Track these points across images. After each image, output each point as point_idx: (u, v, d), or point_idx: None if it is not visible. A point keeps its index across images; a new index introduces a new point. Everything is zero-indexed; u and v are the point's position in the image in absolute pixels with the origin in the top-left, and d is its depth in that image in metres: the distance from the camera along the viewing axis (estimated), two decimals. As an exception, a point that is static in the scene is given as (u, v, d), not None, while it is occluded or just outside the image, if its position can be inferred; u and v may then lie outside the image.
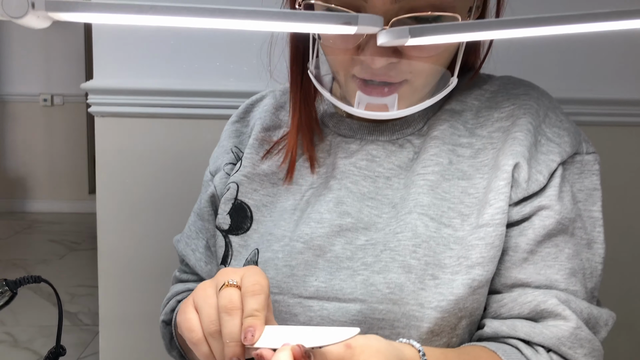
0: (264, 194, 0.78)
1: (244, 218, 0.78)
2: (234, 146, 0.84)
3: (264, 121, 0.83)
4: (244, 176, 0.79)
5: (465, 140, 0.73)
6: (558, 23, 0.34)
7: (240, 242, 0.77)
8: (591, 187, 0.72)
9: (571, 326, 0.65)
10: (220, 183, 0.83)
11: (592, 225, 0.71)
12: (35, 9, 0.33)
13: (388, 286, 0.66)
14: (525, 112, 0.71)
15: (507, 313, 0.68)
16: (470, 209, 0.69)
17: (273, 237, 0.74)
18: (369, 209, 0.71)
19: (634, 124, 1.43)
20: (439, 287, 0.65)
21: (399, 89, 0.66)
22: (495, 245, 0.66)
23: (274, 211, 0.77)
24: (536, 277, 0.67)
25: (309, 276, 0.70)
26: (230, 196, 0.79)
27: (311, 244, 0.70)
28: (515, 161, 0.68)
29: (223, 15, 0.34)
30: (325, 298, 0.68)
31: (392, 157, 0.74)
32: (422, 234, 0.67)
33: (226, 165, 0.83)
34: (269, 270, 0.71)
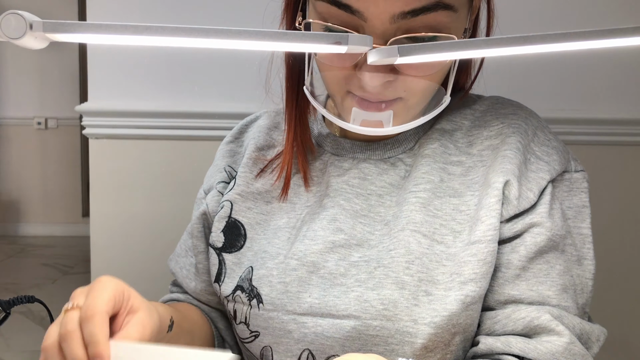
0: (257, 212, 0.79)
1: (238, 236, 0.79)
2: (227, 165, 0.85)
3: (258, 141, 0.84)
4: (238, 194, 0.80)
5: (455, 158, 0.74)
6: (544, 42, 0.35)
7: (234, 259, 0.78)
8: (580, 204, 0.73)
9: (565, 341, 0.65)
10: (212, 201, 0.83)
11: (582, 242, 0.72)
12: (33, 30, 0.34)
13: (382, 302, 0.66)
14: (514, 131, 0.73)
15: (501, 330, 0.68)
16: (462, 226, 0.70)
17: (267, 254, 0.75)
18: (362, 225, 0.72)
19: (624, 143, 1.44)
20: (432, 303, 0.66)
21: (394, 105, 0.68)
22: (487, 262, 0.67)
23: (267, 229, 0.77)
24: (529, 294, 0.68)
25: (303, 292, 0.70)
26: (224, 214, 0.80)
27: (305, 260, 0.71)
28: (506, 179, 0.69)
29: (216, 35, 0.35)
30: (319, 314, 0.69)
31: (384, 176, 0.75)
32: (415, 251, 0.68)
33: (218, 183, 0.84)
34: (263, 287, 0.72)
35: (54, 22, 0.34)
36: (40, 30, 0.34)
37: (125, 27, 0.35)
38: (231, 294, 0.76)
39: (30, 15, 0.34)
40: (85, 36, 0.35)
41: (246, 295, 0.74)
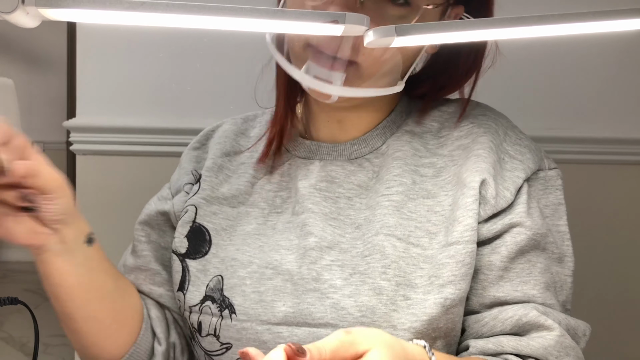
0: (223, 218, 0.77)
1: (202, 242, 0.76)
2: (193, 169, 0.84)
3: (224, 146, 0.83)
4: (203, 199, 0.78)
5: (427, 160, 0.74)
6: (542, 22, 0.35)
7: (198, 266, 0.75)
8: (556, 202, 0.73)
9: (556, 334, 0.65)
10: (179, 202, 0.81)
11: (561, 240, 0.73)
12: (25, 4, 0.34)
13: (359, 309, 0.65)
14: (485, 131, 0.73)
15: (490, 332, 0.68)
16: (437, 227, 0.69)
17: (237, 262, 0.73)
18: (332, 228, 0.71)
19: (614, 162, 1.46)
20: (411, 308, 0.65)
21: (347, 68, 0.67)
22: (466, 263, 0.66)
23: (234, 235, 0.75)
24: (514, 294, 0.68)
25: (277, 301, 0.69)
26: (189, 219, 0.78)
27: (280, 269, 0.70)
28: (482, 178, 0.69)
29: (211, 12, 0.34)
30: (294, 323, 0.67)
31: (351, 177, 0.74)
32: (391, 255, 0.67)
33: (186, 185, 0.82)
34: (236, 297, 0.70)
35: (47, -4, 0.33)
36: (32, 4, 0.33)
37: (119, 2, 0.34)
38: (199, 304, 0.73)
39: (23, -10, 0.34)
40: (79, 12, 0.35)
41: (217, 306, 0.71)
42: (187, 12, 0.34)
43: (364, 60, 0.67)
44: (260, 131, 0.84)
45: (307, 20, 0.35)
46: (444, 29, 0.35)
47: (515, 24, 0.34)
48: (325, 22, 0.35)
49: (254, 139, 0.83)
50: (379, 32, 0.36)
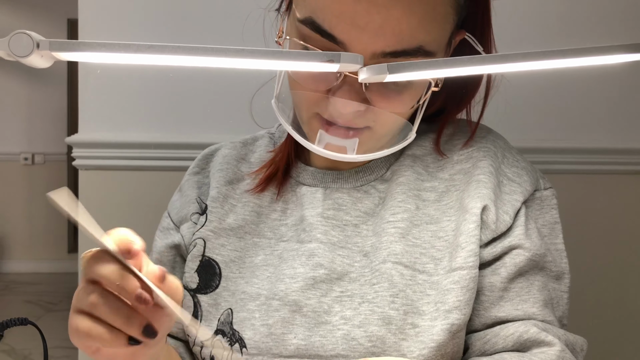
0: (231, 249, 0.77)
1: (213, 275, 0.76)
2: (198, 197, 0.82)
3: (227, 174, 0.82)
4: (211, 231, 0.78)
5: (428, 184, 0.75)
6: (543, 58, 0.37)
7: (210, 301, 0.75)
8: (552, 221, 0.75)
9: (557, 350, 0.66)
10: (188, 233, 0.80)
11: (560, 257, 0.74)
12: (40, 49, 0.36)
13: (369, 340, 0.66)
14: (485, 155, 0.74)
15: (492, 348, 0.69)
16: (441, 253, 0.70)
17: (247, 295, 0.72)
18: (341, 258, 0.71)
19: (609, 172, 1.47)
20: (419, 336, 0.66)
21: (360, 133, 0.68)
22: (470, 288, 0.68)
23: (243, 267, 0.75)
24: (515, 313, 0.69)
25: (287, 334, 0.69)
26: (198, 253, 0.77)
27: (286, 300, 0.70)
28: (483, 204, 0.70)
29: (213, 54, 0.37)
30: (306, 356, 0.68)
31: (358, 204, 0.75)
32: (399, 283, 0.68)
33: (193, 215, 0.81)
34: (245, 331, 0.70)
35: (60, 41, 0.35)
36: (47, 49, 0.36)
37: (128, 45, 0.36)
38: (210, 339, 0.73)
39: (37, 35, 0.36)
40: (90, 55, 0.37)
41: (227, 340, 0.71)
42: (193, 54, 0.37)
43: (377, 124, 0.68)
44: (261, 156, 0.83)
45: (304, 60, 0.37)
46: (434, 66, 0.37)
47: (502, 61, 0.36)
48: (321, 62, 0.37)
49: (255, 165, 0.83)
50: (372, 69, 0.38)
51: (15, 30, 0.36)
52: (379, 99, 0.66)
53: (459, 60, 0.37)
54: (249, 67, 0.38)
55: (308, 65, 0.37)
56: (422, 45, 0.62)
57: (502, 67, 0.38)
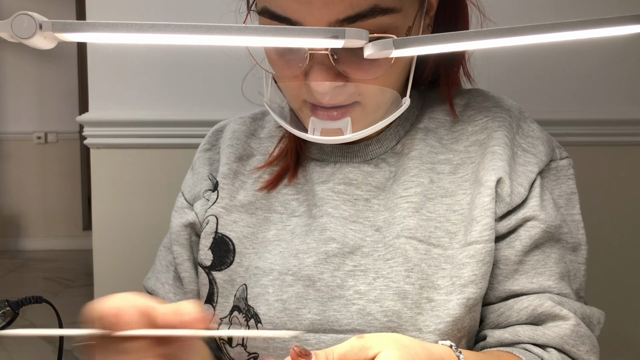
0: (243, 225, 0.76)
1: (227, 252, 0.76)
2: (209, 173, 0.82)
3: (236, 150, 0.81)
4: (223, 208, 0.77)
5: (443, 156, 0.74)
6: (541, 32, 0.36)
7: (225, 277, 0.75)
8: (569, 191, 0.74)
9: (572, 324, 0.66)
10: (201, 210, 0.80)
11: (576, 229, 0.73)
12: (42, 30, 0.36)
13: (385, 314, 0.66)
14: (499, 125, 0.73)
15: (506, 321, 0.69)
16: (457, 226, 0.70)
17: (260, 270, 0.72)
18: (353, 232, 0.71)
19: (621, 143, 1.46)
20: (435, 310, 0.66)
21: (351, 111, 0.67)
22: (486, 262, 0.67)
23: (255, 242, 0.75)
24: (530, 286, 0.69)
25: (302, 309, 0.69)
26: (210, 230, 0.77)
27: (300, 275, 0.70)
28: (498, 176, 0.69)
29: (215, 32, 0.36)
30: (321, 330, 0.68)
31: (369, 179, 0.74)
32: (413, 258, 0.68)
33: (205, 192, 0.81)
34: (260, 306, 0.70)
35: (63, 21, 0.35)
36: (50, 30, 0.35)
37: (131, 25, 0.36)
38: (228, 316, 0.73)
39: (39, 16, 0.36)
40: (93, 35, 0.37)
41: (243, 316, 0.72)
42: (196, 33, 0.36)
43: (363, 97, 0.67)
44: (270, 131, 0.83)
45: (309, 37, 0.37)
46: (440, 40, 0.37)
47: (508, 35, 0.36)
48: (326, 38, 0.37)
49: (265, 140, 0.83)
50: (377, 45, 0.38)
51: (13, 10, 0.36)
52: (353, 70, 0.65)
53: (465, 35, 0.37)
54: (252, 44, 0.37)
55: (312, 42, 0.37)
56: (377, 3, 0.60)
57: (510, 40, 0.37)
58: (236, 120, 0.86)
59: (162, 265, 0.83)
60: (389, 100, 0.69)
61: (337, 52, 0.63)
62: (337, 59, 0.63)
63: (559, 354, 0.67)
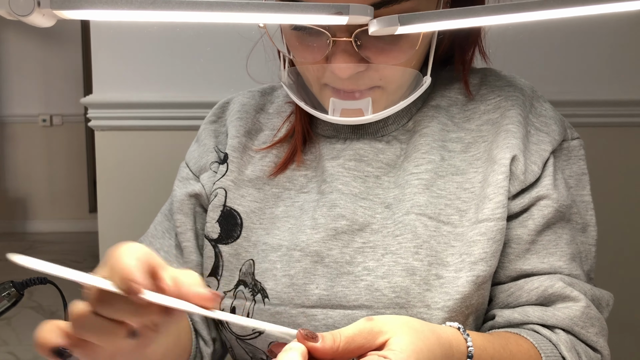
0: (251, 200, 0.76)
1: (234, 225, 0.75)
2: (215, 146, 0.81)
3: (246, 123, 0.80)
4: (232, 182, 0.77)
5: (454, 135, 0.74)
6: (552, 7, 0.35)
7: (231, 251, 0.74)
8: (579, 172, 0.74)
9: (582, 305, 0.66)
10: (208, 182, 0.79)
11: (585, 210, 0.73)
12: (40, 7, 0.35)
13: (393, 290, 0.66)
14: (513, 104, 0.72)
15: (515, 301, 0.69)
16: (467, 204, 0.69)
17: (268, 246, 0.72)
18: (362, 209, 0.71)
19: (628, 124, 1.45)
20: (444, 287, 0.66)
21: (371, 93, 0.68)
22: (497, 240, 0.67)
23: (263, 218, 0.75)
24: (541, 266, 0.68)
25: (309, 284, 0.69)
26: (219, 203, 0.76)
27: (307, 250, 0.70)
28: (512, 154, 0.69)
29: (216, 8, 0.35)
30: (329, 306, 0.68)
31: (380, 156, 0.74)
32: (422, 234, 0.67)
33: (212, 163, 0.80)
34: (267, 281, 0.70)
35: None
36: (48, 6, 0.35)
37: (131, 1, 0.35)
38: (233, 289, 0.73)
39: (38, -7, 0.35)
40: (92, 12, 0.36)
41: (249, 291, 0.71)
42: (197, 9, 0.36)
43: (384, 81, 0.67)
44: (279, 107, 0.82)
45: (312, 13, 0.36)
46: (445, 17, 0.36)
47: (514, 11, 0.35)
48: (329, 14, 0.36)
49: (274, 115, 0.82)
50: (382, 21, 0.37)
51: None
52: (376, 54, 0.64)
53: (472, 10, 0.36)
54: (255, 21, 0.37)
55: (316, 19, 0.36)
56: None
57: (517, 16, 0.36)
58: (245, 93, 0.85)
59: (158, 231, 0.82)
60: (409, 80, 0.69)
61: (360, 38, 0.63)
62: (361, 45, 0.63)
63: (568, 336, 0.66)
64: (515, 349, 0.63)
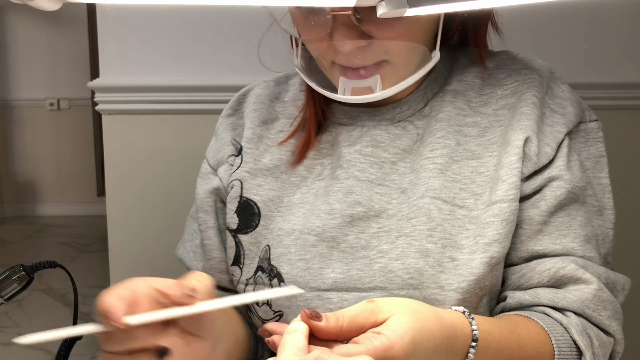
0: (268, 189, 0.77)
1: (252, 215, 0.77)
2: (232, 139, 0.82)
3: (261, 114, 0.81)
4: (247, 172, 0.78)
5: (470, 119, 0.73)
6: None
7: (251, 240, 0.76)
8: (597, 154, 0.73)
9: (594, 288, 0.66)
10: (225, 175, 0.80)
11: (602, 192, 0.72)
12: (46, -10, 0.35)
13: (407, 272, 0.66)
14: (529, 87, 0.72)
15: (527, 283, 0.69)
16: (482, 188, 0.69)
17: (283, 231, 0.73)
18: (378, 195, 0.71)
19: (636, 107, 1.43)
20: (458, 269, 0.66)
21: (379, 69, 0.68)
22: (510, 221, 0.67)
23: (281, 206, 0.76)
24: (552, 247, 0.68)
25: (325, 268, 0.69)
26: (235, 194, 0.78)
27: (324, 236, 0.70)
28: (526, 135, 0.69)
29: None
30: (344, 289, 0.68)
31: (396, 142, 0.74)
32: (437, 217, 0.67)
33: (229, 157, 0.81)
34: (283, 266, 0.71)
35: (67, -19, 0.34)
36: (54, -11, 0.34)
37: (137, -16, 0.35)
38: (252, 276, 0.74)
39: (43, -25, 0.35)
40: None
41: (266, 275, 0.73)
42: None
43: (390, 55, 0.67)
44: (294, 95, 0.83)
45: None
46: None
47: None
48: (337, -4, 0.35)
49: (289, 104, 0.82)
50: (390, 3, 0.36)
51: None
52: (377, 28, 0.64)
53: (482, -9, 0.35)
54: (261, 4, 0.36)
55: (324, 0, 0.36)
56: None
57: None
58: (260, 84, 0.86)
59: (189, 234, 0.85)
60: (417, 56, 0.69)
61: (359, 12, 0.63)
62: (361, 19, 0.63)
63: (579, 319, 0.66)
64: (524, 332, 0.63)
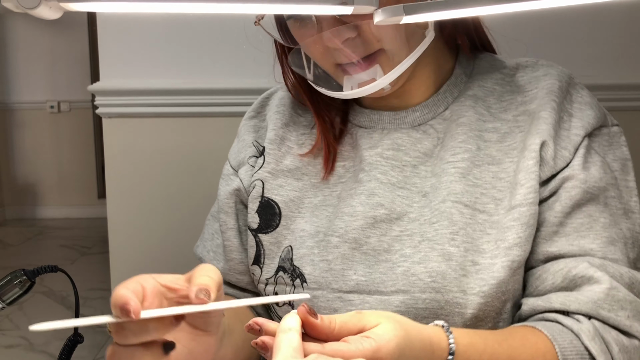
0: (290, 190, 0.78)
1: (273, 215, 0.77)
2: (254, 140, 0.83)
3: (283, 116, 0.83)
4: (269, 173, 0.79)
5: (490, 125, 0.74)
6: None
7: (271, 239, 0.77)
8: (623, 157, 0.73)
9: (605, 287, 0.64)
10: (246, 176, 0.82)
11: (629, 195, 0.72)
12: (47, 0, 0.35)
13: (429, 275, 0.66)
14: (548, 92, 0.72)
15: (542, 285, 0.68)
16: (502, 193, 0.70)
17: (306, 233, 0.74)
18: (400, 198, 0.72)
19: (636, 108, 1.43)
20: (479, 273, 0.66)
21: (378, 59, 0.69)
22: (530, 225, 0.67)
23: (302, 207, 0.77)
24: (569, 248, 0.67)
25: (347, 270, 0.70)
26: (257, 194, 0.79)
27: (346, 237, 0.71)
28: (542, 140, 0.69)
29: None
30: (366, 292, 0.69)
31: (417, 145, 0.74)
32: (459, 222, 0.68)
33: (250, 158, 0.82)
34: (305, 267, 0.72)
35: (68, -10, 0.35)
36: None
37: (136, -7, 0.35)
38: (273, 276, 0.75)
39: (44, -15, 0.35)
40: (99, 4, 0.36)
41: (289, 276, 0.73)
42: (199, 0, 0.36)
43: (386, 42, 0.68)
44: None
45: (317, 4, 0.36)
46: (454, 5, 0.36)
47: None
48: (334, 4, 0.36)
49: None
50: (387, 11, 0.37)
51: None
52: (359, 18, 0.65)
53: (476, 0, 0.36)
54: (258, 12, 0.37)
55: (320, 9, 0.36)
56: None
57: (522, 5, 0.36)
58: (283, 87, 0.87)
59: (209, 234, 0.86)
60: (409, 37, 0.70)
61: None
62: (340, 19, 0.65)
63: (592, 324, 0.64)
64: (518, 342, 0.62)
